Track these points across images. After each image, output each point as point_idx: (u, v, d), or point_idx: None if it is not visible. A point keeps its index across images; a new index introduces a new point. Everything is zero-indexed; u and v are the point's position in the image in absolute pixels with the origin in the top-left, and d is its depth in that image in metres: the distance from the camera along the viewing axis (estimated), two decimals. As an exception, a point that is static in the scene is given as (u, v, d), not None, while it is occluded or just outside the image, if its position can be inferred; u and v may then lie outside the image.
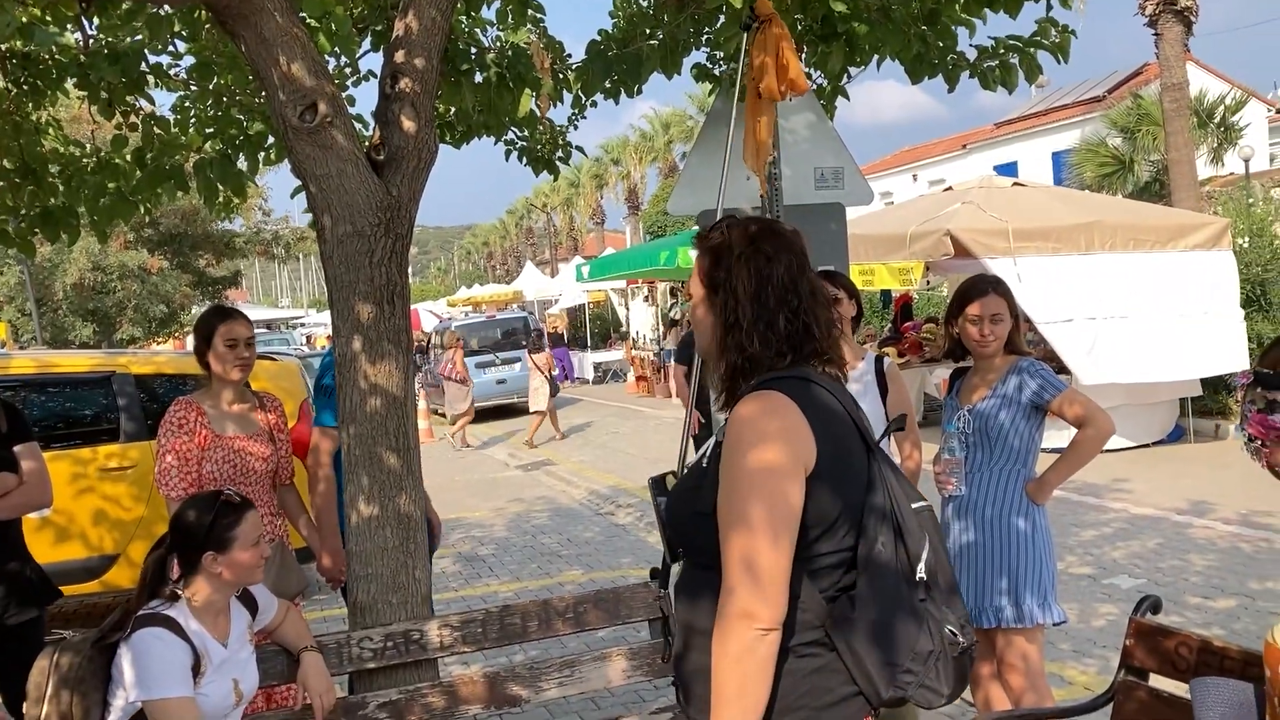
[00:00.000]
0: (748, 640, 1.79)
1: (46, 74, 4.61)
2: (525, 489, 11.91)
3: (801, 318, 1.99)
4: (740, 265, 2.00)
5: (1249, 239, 12.35)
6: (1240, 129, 21.59)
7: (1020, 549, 3.60)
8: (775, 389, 1.92)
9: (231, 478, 3.80)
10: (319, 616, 6.57)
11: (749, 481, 1.84)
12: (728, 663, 1.80)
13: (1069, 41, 4.67)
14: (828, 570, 1.91)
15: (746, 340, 1.98)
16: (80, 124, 12.69)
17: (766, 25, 3.75)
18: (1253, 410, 1.85)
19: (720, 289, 2.02)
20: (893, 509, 1.94)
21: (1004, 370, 3.68)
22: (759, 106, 3.95)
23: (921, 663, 1.89)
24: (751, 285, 1.99)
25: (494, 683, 3.36)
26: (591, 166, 46.93)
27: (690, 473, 2.06)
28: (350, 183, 3.24)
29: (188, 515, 2.88)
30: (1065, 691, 4.79)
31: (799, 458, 1.86)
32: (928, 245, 10.47)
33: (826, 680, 1.89)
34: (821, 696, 1.89)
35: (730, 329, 2.00)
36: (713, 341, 2.06)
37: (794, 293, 2.00)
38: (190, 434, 3.77)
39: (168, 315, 25.53)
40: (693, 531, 1.98)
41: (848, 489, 1.92)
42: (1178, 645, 2.73)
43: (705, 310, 2.07)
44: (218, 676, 2.79)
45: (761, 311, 1.98)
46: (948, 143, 34.82)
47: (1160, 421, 11.11)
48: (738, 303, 1.99)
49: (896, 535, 1.93)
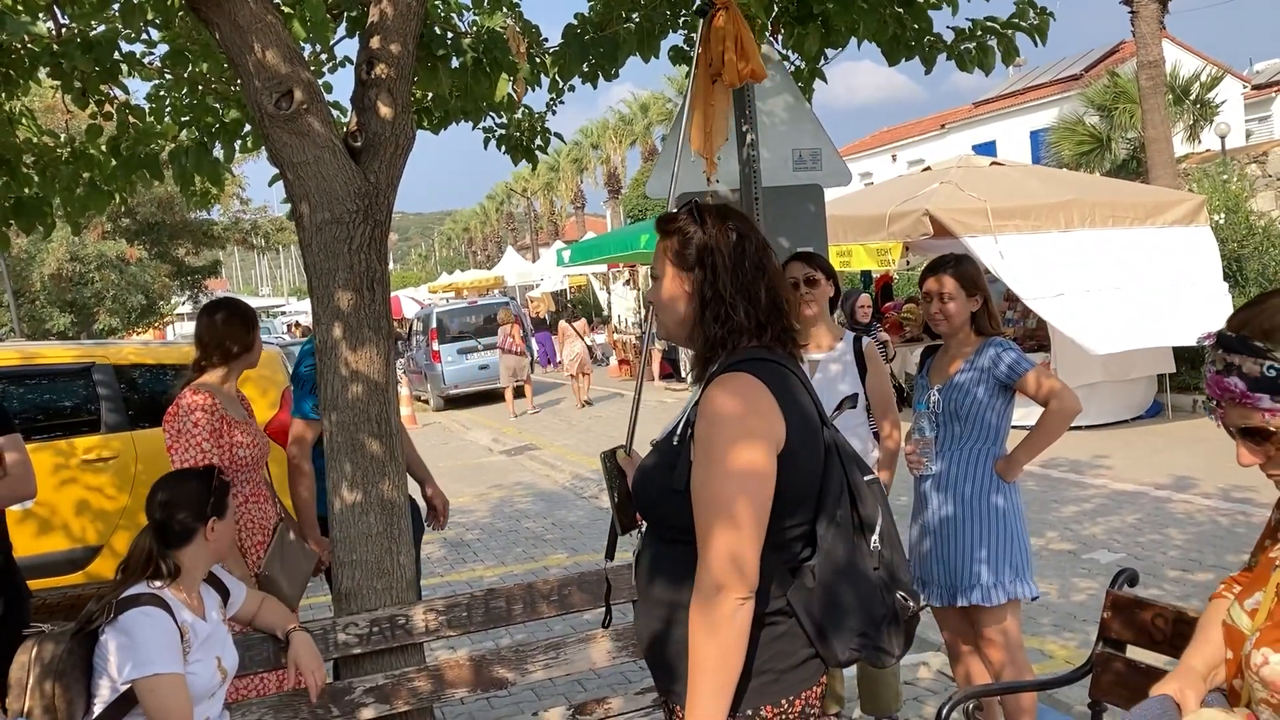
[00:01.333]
0: (726, 611, 1.87)
1: (19, 64, 4.57)
2: (509, 474, 11.93)
3: (772, 292, 2.08)
4: (718, 242, 2.07)
5: (1224, 215, 12.44)
6: (1216, 106, 21.70)
7: (996, 525, 3.64)
8: (745, 371, 1.99)
9: (253, 463, 3.85)
10: (305, 604, 6.56)
11: (726, 465, 1.90)
12: (706, 634, 1.88)
13: (1047, 24, 4.68)
14: (790, 543, 2.00)
15: (731, 310, 2.04)
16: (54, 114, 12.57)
17: (723, 11, 3.75)
18: (1211, 371, 1.90)
19: (696, 266, 2.08)
20: (847, 483, 2.05)
21: (974, 349, 3.72)
22: (711, 91, 3.96)
23: (875, 627, 2.02)
24: (729, 260, 2.06)
25: (480, 666, 3.38)
26: (571, 150, 46.82)
27: (661, 449, 2.11)
28: (328, 169, 3.23)
29: (190, 484, 3.00)
30: (1046, 665, 4.86)
31: (772, 440, 1.94)
32: (907, 225, 10.51)
33: (788, 645, 1.99)
34: (784, 660, 1.99)
35: (710, 303, 2.06)
36: (686, 318, 2.12)
37: (764, 269, 2.09)
38: (221, 422, 3.71)
39: (146, 305, 25.39)
40: (664, 507, 2.04)
41: (809, 466, 2.01)
42: (1154, 617, 2.78)
43: (676, 288, 2.11)
44: (203, 654, 2.81)
45: (740, 283, 2.05)
46: (926, 123, 34.86)
47: (1139, 398, 11.21)
48: (717, 277, 2.05)
49: (852, 507, 2.04)
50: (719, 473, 1.91)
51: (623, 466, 2.48)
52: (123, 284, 24.20)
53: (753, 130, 4.59)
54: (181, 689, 2.68)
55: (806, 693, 2.02)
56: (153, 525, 2.89)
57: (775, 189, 4.73)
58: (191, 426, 3.67)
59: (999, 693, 3.65)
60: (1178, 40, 25.93)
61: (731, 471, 1.90)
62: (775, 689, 1.98)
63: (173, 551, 2.85)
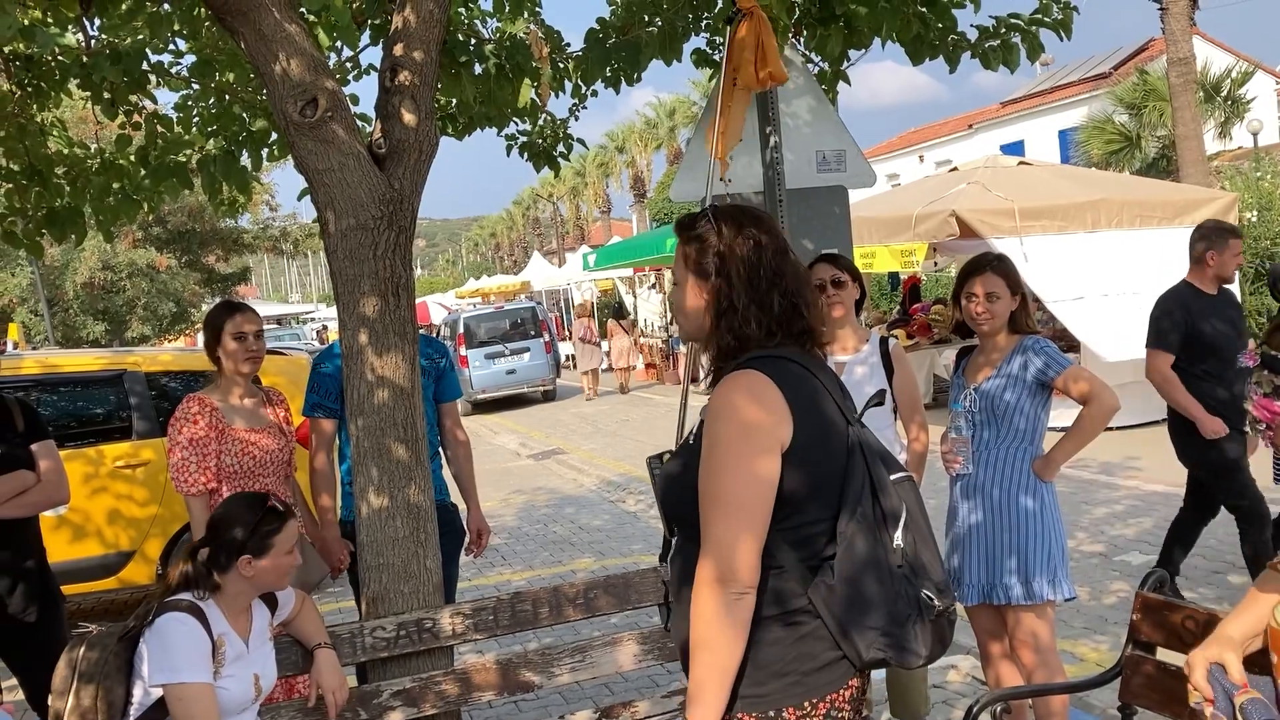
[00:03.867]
0: (724, 604, 1.89)
1: (50, 76, 4.64)
2: (536, 478, 11.95)
3: (790, 298, 2.07)
4: (733, 251, 2.07)
5: (1257, 213, 12.29)
6: (1248, 102, 21.47)
7: (1029, 527, 3.62)
8: (753, 368, 2.00)
9: (250, 470, 3.84)
10: (333, 608, 6.61)
11: (724, 456, 1.93)
12: (702, 624, 1.91)
13: (1071, 18, 4.65)
14: (809, 540, 1.99)
15: (741, 322, 2.05)
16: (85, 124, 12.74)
17: (748, 17, 3.76)
18: (1258, 393, 1.89)
19: (713, 275, 2.08)
20: (871, 481, 2.02)
21: (1009, 349, 3.69)
22: (732, 95, 3.97)
23: (899, 625, 1.98)
24: (744, 270, 2.06)
25: (507, 669, 3.39)
26: (597, 155, 46.88)
27: (679, 450, 2.14)
28: (352, 176, 3.25)
29: (234, 514, 2.92)
30: (1078, 668, 4.81)
31: (774, 434, 1.94)
32: (933, 226, 10.44)
33: (812, 646, 1.98)
34: (808, 662, 1.97)
35: (724, 313, 2.07)
36: (705, 325, 2.13)
37: (781, 275, 2.08)
38: (204, 429, 3.79)
39: (178, 313, 25.64)
40: (686, 508, 2.04)
41: (826, 463, 2.00)
42: (1184, 619, 2.74)
43: (694, 296, 2.13)
44: (239, 671, 2.83)
45: (755, 294, 2.06)
46: (954, 123, 34.69)
47: (1170, 398, 11.07)
48: (732, 287, 2.06)
49: (875, 504, 2.02)
50: (718, 467, 1.93)
51: None
52: (154, 292, 24.45)
53: (776, 132, 4.58)
54: (207, 699, 2.70)
55: (832, 695, 1.99)
56: (199, 542, 2.93)
57: (799, 191, 4.72)
58: (175, 433, 3.79)
59: (1028, 695, 3.61)
60: (1208, 36, 25.66)
61: (729, 466, 1.92)
62: (798, 691, 1.96)
63: (212, 574, 2.86)
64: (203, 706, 2.68)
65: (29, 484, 3.74)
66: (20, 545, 3.78)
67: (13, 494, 3.69)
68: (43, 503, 3.83)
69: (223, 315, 3.89)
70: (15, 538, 3.75)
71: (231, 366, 3.89)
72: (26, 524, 3.82)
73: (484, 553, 4.59)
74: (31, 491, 3.75)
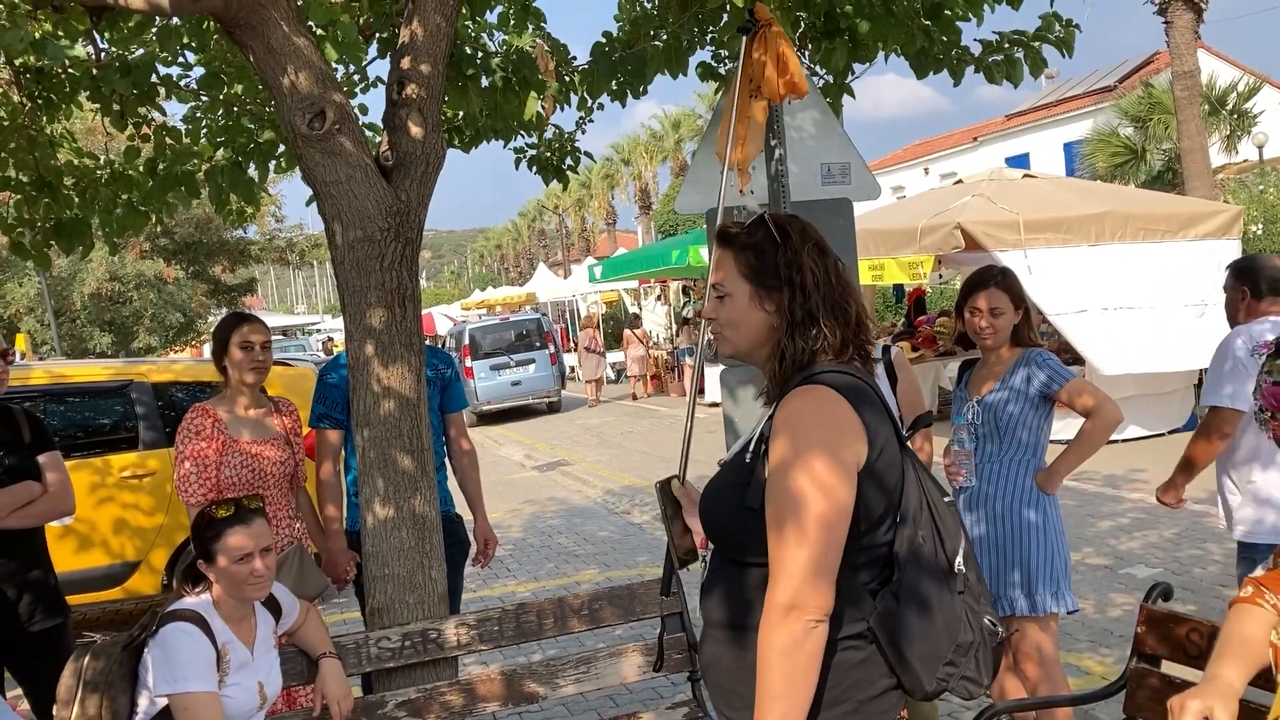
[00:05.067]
0: (797, 633, 1.77)
1: (60, 88, 4.67)
2: (541, 489, 11.95)
3: (853, 306, 1.99)
4: (801, 259, 1.97)
5: (1262, 226, 12.29)
6: (1254, 116, 21.45)
7: (1032, 540, 3.62)
8: (823, 383, 1.91)
9: (250, 482, 3.85)
10: (339, 619, 6.62)
11: (802, 481, 1.81)
12: (776, 657, 1.78)
13: (1073, 36, 4.67)
14: (870, 564, 1.91)
15: (820, 334, 1.95)
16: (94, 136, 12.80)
17: (766, 28, 3.78)
18: (1268, 381, 1.86)
19: (782, 285, 1.98)
20: (928, 502, 1.95)
21: (1012, 362, 3.70)
22: (749, 105, 3.98)
23: (963, 654, 1.90)
24: (819, 278, 1.97)
25: (511, 680, 3.39)
26: (603, 167, 46.98)
27: (732, 468, 2.02)
28: (359, 188, 3.27)
29: (192, 523, 2.99)
30: (1083, 681, 4.80)
31: (852, 454, 1.85)
32: (938, 239, 10.45)
33: (869, 673, 1.90)
34: (865, 689, 1.89)
35: (799, 325, 1.96)
36: (768, 337, 2.02)
37: (848, 284, 2.01)
38: (207, 440, 3.82)
39: (184, 324, 25.71)
40: (736, 528, 1.95)
41: (892, 483, 1.92)
42: (1189, 631, 2.74)
43: (753, 309, 2.01)
44: (243, 678, 2.84)
45: (831, 304, 1.97)
46: (959, 135, 34.71)
47: (1175, 410, 11.07)
48: (807, 297, 1.96)
49: (934, 528, 1.94)
50: (794, 489, 1.81)
51: (678, 497, 2.34)
52: (160, 303, 24.54)
53: (781, 145, 4.60)
54: (213, 707, 2.71)
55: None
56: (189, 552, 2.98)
57: (804, 203, 4.74)
58: (180, 444, 3.84)
59: (1032, 707, 3.61)
60: (1213, 50, 25.69)
61: (807, 487, 1.80)
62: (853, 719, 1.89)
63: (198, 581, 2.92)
64: (208, 715, 2.69)
65: (35, 495, 3.75)
66: (27, 555, 3.79)
67: (18, 505, 3.70)
68: (48, 513, 3.85)
69: (230, 326, 3.93)
70: (22, 548, 3.76)
71: (237, 377, 3.92)
72: (33, 534, 3.83)
73: (489, 564, 4.60)
74: (37, 502, 3.76)
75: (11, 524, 3.69)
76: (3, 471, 3.70)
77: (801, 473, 1.81)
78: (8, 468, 3.72)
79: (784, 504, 1.82)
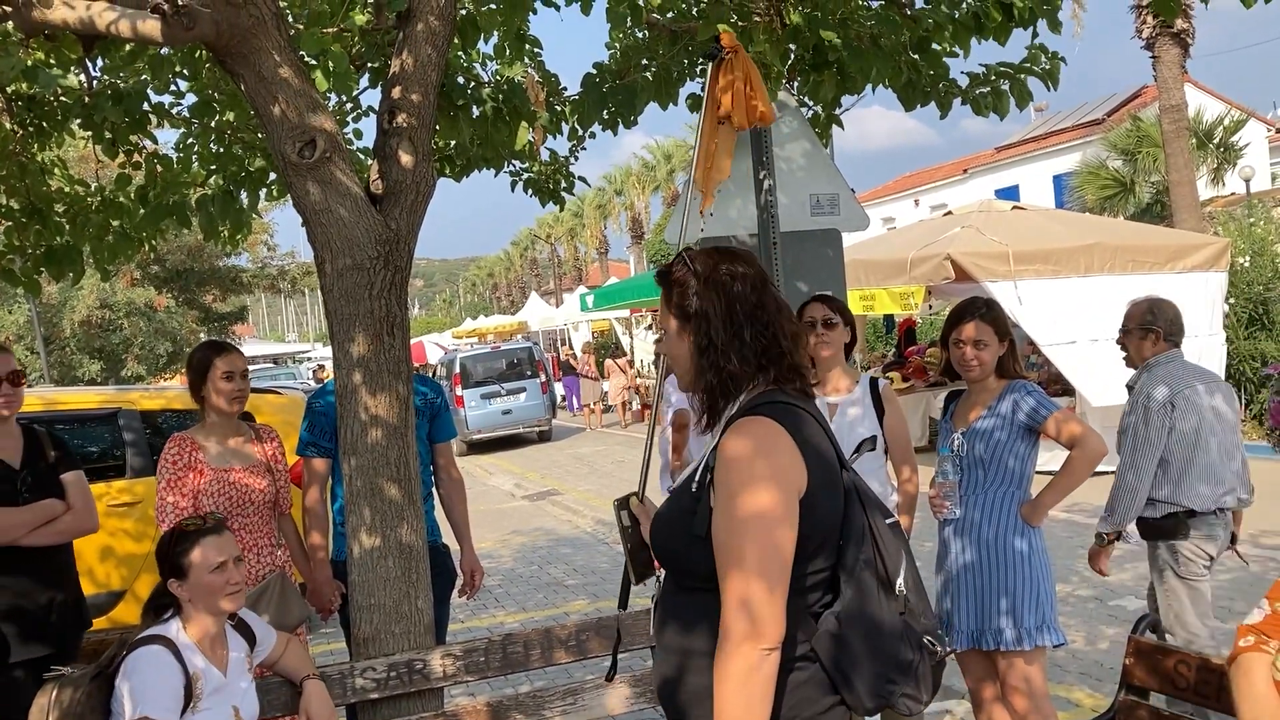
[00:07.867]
0: (753, 660, 1.83)
1: (51, 115, 4.69)
2: (531, 519, 11.91)
3: (770, 330, 2.06)
4: (707, 290, 2.07)
5: (1250, 258, 12.38)
6: (1240, 149, 21.68)
7: (1019, 569, 3.61)
8: (762, 414, 1.97)
9: (230, 511, 3.84)
10: (324, 650, 6.57)
11: (747, 508, 1.88)
12: (733, 684, 1.84)
13: (1058, 68, 4.71)
14: (812, 588, 1.97)
15: (723, 359, 2.04)
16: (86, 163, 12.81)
17: (733, 55, 3.81)
18: (1277, 400, 1.87)
19: (692, 316, 2.08)
20: (869, 525, 2.01)
21: (998, 393, 3.71)
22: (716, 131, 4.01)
23: (903, 673, 1.97)
24: (721, 306, 2.06)
25: (498, 712, 3.36)
26: (595, 197, 47.18)
27: (680, 495, 2.08)
28: (349, 217, 3.28)
29: (159, 543, 2.99)
30: (1073, 714, 4.78)
31: (794, 489, 1.92)
32: (928, 270, 10.51)
33: (811, 692, 1.96)
34: (808, 707, 1.95)
35: (705, 351, 2.06)
36: (691, 369, 2.11)
37: (760, 308, 2.07)
38: (186, 469, 3.82)
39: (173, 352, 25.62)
40: (685, 554, 2.01)
41: (832, 509, 1.98)
42: (1177, 664, 2.74)
43: (679, 339, 2.12)
44: (215, 704, 2.81)
45: (732, 329, 2.05)
46: (948, 168, 34.97)
47: (1165, 442, 11.08)
48: (709, 325, 2.06)
49: (875, 550, 2.00)
50: (740, 520, 1.88)
51: (636, 514, 2.45)
52: (150, 331, 24.45)
53: (770, 176, 4.63)
54: None
55: None
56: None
57: (793, 234, 4.76)
58: (160, 473, 3.87)
59: (1022, 741, 3.59)
60: (1200, 84, 25.97)
61: (752, 519, 1.87)
62: None
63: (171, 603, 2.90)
64: None
65: (57, 513, 3.82)
66: (53, 571, 3.84)
67: (41, 522, 3.76)
68: (71, 531, 3.90)
69: (208, 354, 3.93)
70: (47, 565, 3.81)
71: (217, 404, 3.92)
72: (58, 551, 3.88)
73: (477, 595, 4.57)
74: (60, 520, 3.82)
75: (35, 541, 3.75)
76: (26, 490, 3.77)
77: (748, 504, 1.88)
78: (31, 486, 3.79)
79: (732, 536, 1.89)
